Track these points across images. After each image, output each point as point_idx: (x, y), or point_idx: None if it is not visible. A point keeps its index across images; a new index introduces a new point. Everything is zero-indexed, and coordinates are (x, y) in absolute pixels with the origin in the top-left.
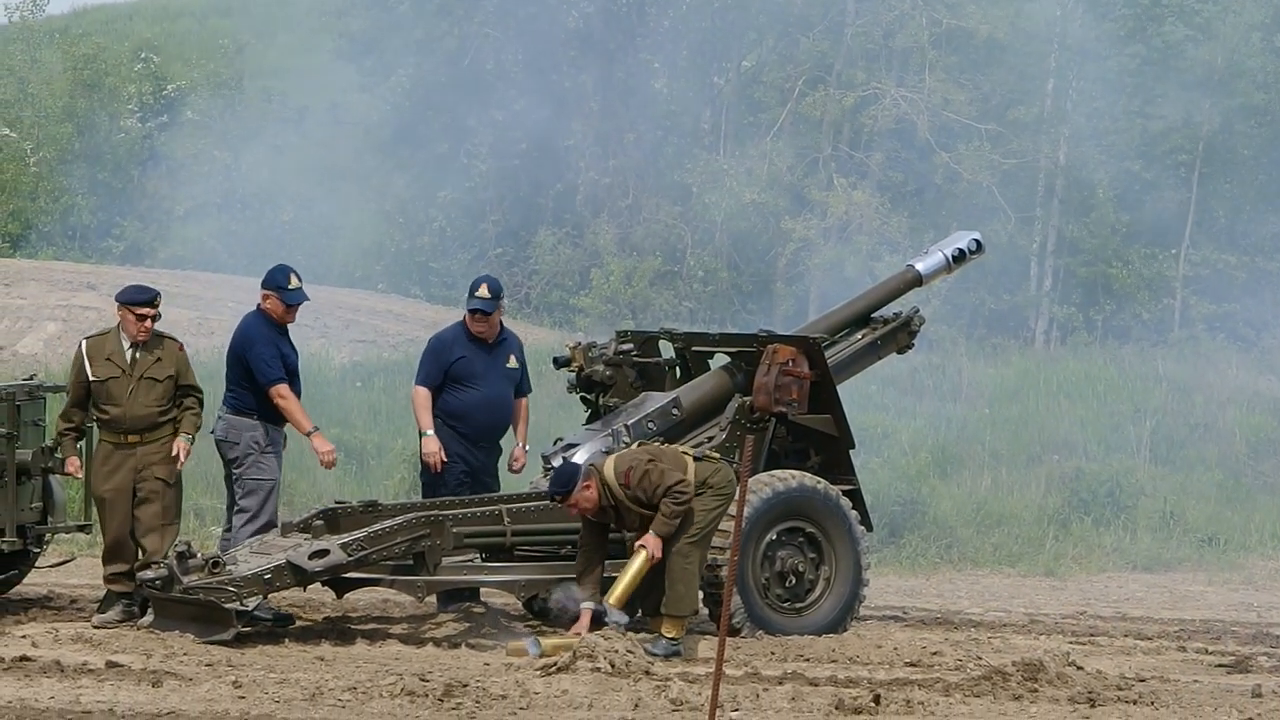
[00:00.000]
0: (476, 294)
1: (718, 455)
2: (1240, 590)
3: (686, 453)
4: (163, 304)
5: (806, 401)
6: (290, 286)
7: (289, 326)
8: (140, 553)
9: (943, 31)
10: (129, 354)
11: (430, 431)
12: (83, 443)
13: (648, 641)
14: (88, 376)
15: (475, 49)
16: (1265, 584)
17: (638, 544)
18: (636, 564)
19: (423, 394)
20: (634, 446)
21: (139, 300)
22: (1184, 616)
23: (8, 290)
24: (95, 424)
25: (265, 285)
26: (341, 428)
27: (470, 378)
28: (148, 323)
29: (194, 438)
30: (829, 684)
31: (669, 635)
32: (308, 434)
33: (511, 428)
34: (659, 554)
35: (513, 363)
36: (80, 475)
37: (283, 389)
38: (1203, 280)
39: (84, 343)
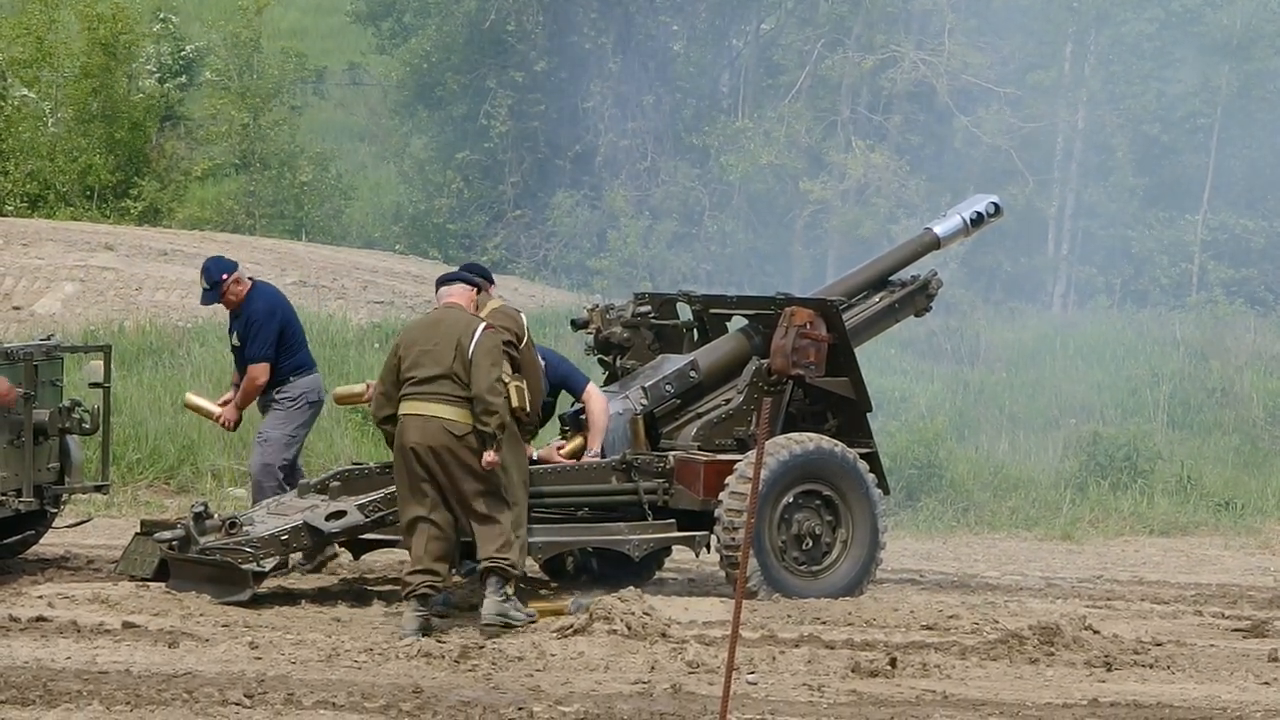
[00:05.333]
0: None
1: None
2: (1257, 554)
3: None
4: (181, 265)
5: (824, 364)
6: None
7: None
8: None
9: None
10: None
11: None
12: (99, 405)
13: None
14: None
15: (495, 10)
16: None
17: None
18: None
19: None
20: None
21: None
22: (1200, 581)
23: (26, 250)
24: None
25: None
26: None
27: None
28: None
29: None
30: (845, 647)
31: None
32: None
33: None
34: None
35: None
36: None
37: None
38: (1220, 244)
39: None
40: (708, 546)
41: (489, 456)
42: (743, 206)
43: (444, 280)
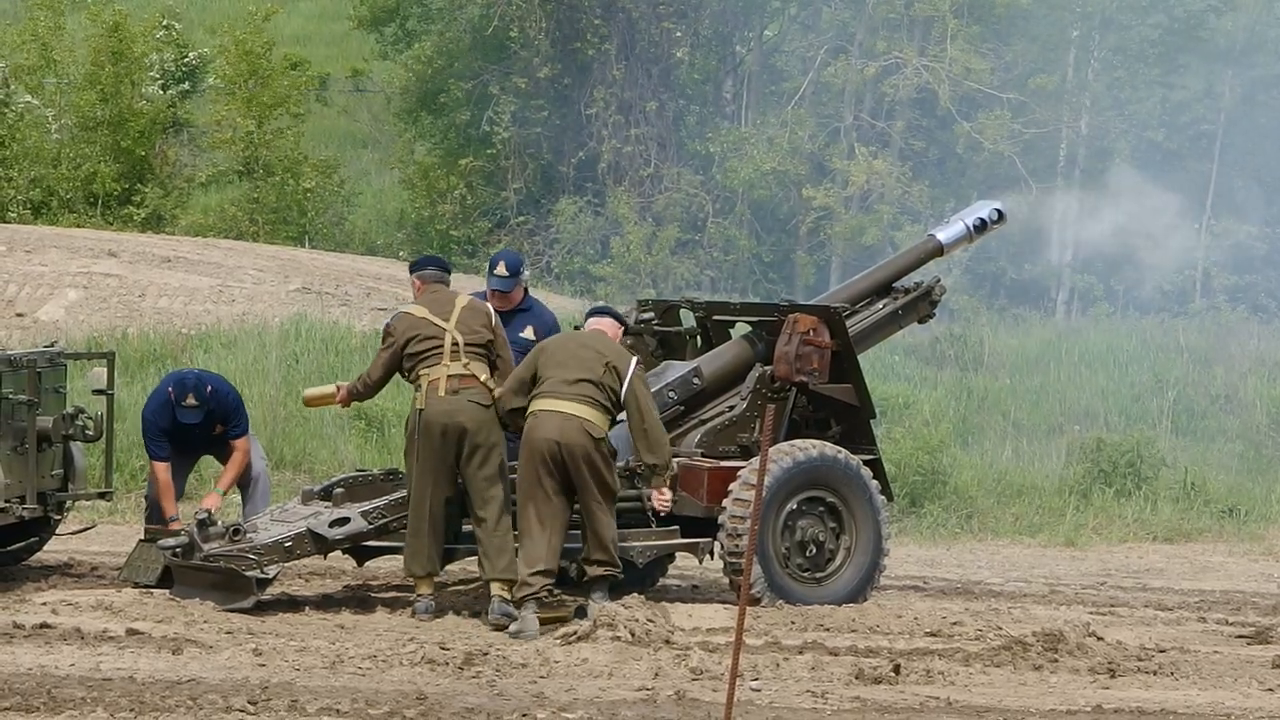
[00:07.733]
0: (495, 272)
1: None
2: (1261, 561)
3: None
4: (184, 271)
5: (827, 371)
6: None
7: (181, 408)
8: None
9: (964, 0)
10: None
11: None
12: (103, 411)
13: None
14: None
15: (499, 16)
16: None
17: None
18: None
19: None
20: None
21: None
22: (1204, 587)
23: (29, 257)
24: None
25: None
26: None
27: None
28: None
29: None
30: (849, 653)
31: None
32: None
33: None
34: None
35: (528, 333)
36: None
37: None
38: (1224, 251)
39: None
40: (711, 553)
41: (668, 495)
42: (746, 213)
43: (594, 312)
